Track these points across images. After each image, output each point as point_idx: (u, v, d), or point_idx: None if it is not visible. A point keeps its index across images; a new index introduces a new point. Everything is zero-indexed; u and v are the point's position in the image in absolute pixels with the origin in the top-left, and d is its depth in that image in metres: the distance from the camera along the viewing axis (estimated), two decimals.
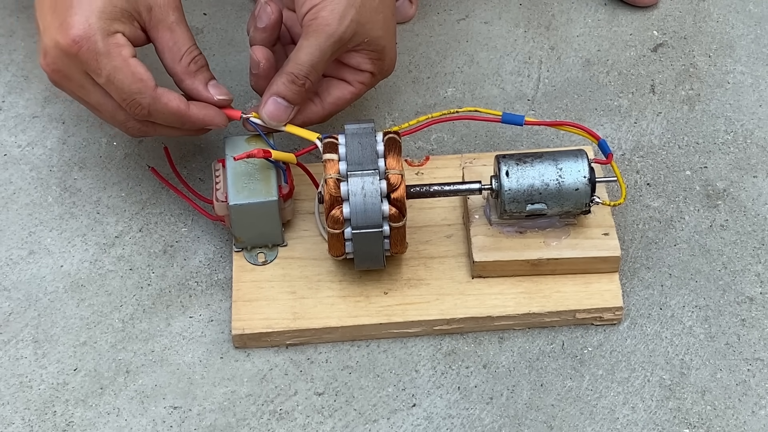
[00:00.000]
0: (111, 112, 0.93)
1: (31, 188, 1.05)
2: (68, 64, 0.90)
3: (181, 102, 0.92)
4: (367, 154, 0.91)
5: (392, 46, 0.96)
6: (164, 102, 0.92)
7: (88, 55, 0.89)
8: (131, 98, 0.91)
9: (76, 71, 0.91)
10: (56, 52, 0.90)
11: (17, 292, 0.99)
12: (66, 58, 0.90)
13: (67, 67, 0.91)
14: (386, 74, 0.98)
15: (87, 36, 0.89)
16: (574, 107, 1.10)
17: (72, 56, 0.89)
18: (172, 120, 0.93)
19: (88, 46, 0.89)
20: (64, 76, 0.92)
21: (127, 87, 0.90)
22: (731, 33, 1.15)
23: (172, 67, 0.93)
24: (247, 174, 0.95)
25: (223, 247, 1.01)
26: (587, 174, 0.93)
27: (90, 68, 0.90)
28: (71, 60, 0.90)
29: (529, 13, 1.17)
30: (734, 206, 1.03)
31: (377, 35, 0.93)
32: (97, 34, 0.89)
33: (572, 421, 0.91)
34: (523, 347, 0.95)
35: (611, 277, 0.96)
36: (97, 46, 0.89)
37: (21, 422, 0.92)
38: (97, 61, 0.89)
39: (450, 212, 1.00)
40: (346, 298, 0.96)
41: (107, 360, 0.95)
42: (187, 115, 0.93)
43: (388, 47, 0.95)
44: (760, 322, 0.96)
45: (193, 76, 0.94)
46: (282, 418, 0.92)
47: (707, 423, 0.91)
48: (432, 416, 0.92)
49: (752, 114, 1.09)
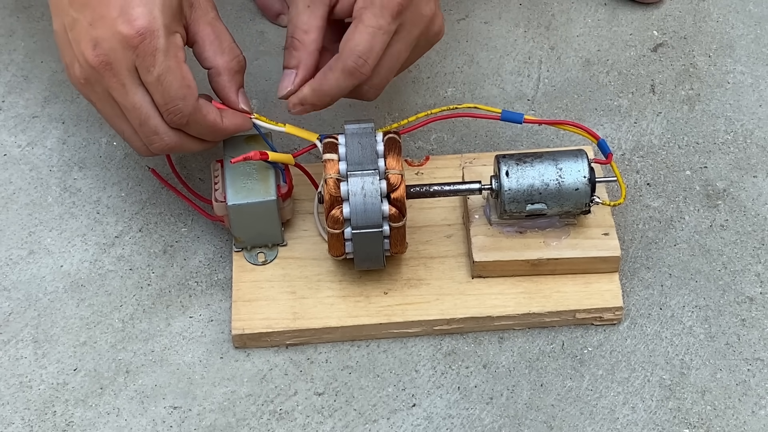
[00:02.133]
0: (144, 117, 0.89)
1: (31, 188, 1.05)
2: (122, 57, 0.86)
3: (217, 116, 0.91)
4: (367, 154, 0.91)
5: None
6: (203, 113, 0.89)
7: (149, 49, 0.86)
8: (174, 103, 0.88)
9: (125, 65, 0.86)
10: (113, 43, 0.85)
11: (17, 292, 0.99)
12: (123, 49, 0.86)
13: (120, 59, 0.86)
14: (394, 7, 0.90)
15: (152, 29, 0.86)
16: (574, 107, 1.10)
17: (131, 48, 0.85)
18: (204, 131, 0.91)
19: (151, 41, 0.86)
20: (110, 69, 0.87)
21: (175, 90, 0.87)
22: (731, 33, 1.15)
23: (214, 59, 0.91)
24: (245, 174, 0.95)
25: (223, 247, 1.01)
26: (587, 174, 0.93)
27: (144, 63, 0.86)
28: (127, 52, 0.86)
29: (529, 13, 1.17)
30: (734, 206, 1.03)
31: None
32: (161, 29, 0.86)
33: (572, 421, 0.91)
34: (523, 347, 0.95)
35: (611, 277, 0.96)
36: (159, 42, 0.86)
37: (21, 422, 0.92)
38: (154, 57, 0.86)
39: (450, 212, 1.00)
40: (346, 298, 0.96)
41: (107, 360, 0.95)
42: (221, 128, 0.91)
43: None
44: (760, 322, 0.96)
45: (232, 75, 0.92)
46: (282, 418, 0.92)
47: (707, 423, 0.91)
48: (432, 416, 0.92)
49: (752, 114, 1.09)
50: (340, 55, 0.90)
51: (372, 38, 0.90)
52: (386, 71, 0.92)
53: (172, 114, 0.88)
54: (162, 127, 0.90)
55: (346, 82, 0.91)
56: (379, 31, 0.90)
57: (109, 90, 0.88)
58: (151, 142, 0.91)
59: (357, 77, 0.91)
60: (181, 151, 0.92)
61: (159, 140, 0.90)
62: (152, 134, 0.90)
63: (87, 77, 0.88)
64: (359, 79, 0.91)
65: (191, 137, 0.92)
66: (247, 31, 1.17)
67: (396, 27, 0.90)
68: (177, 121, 0.89)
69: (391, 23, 0.90)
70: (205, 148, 0.94)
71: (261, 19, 1.18)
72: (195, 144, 0.93)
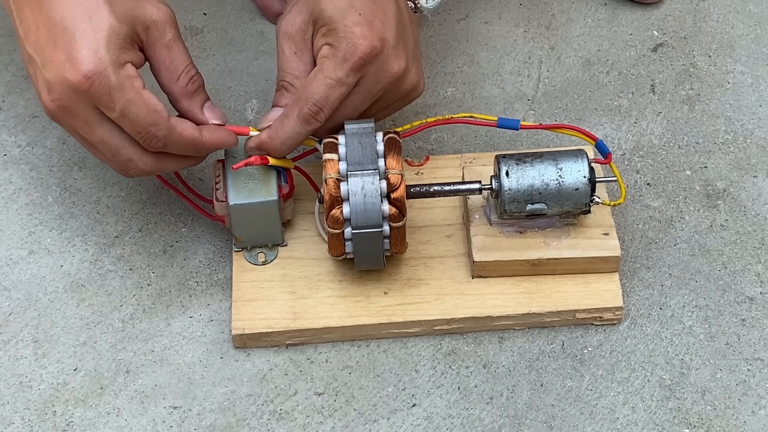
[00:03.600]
0: (114, 149, 0.89)
1: (31, 188, 1.05)
2: (76, 100, 0.86)
3: (195, 130, 0.90)
4: (367, 154, 0.91)
5: (355, 21, 0.90)
6: (179, 132, 0.89)
7: (101, 90, 0.85)
8: (146, 131, 0.87)
9: (83, 107, 0.87)
10: (63, 89, 0.86)
11: (17, 292, 0.99)
12: (75, 94, 0.86)
13: (75, 103, 0.86)
14: (358, 53, 0.89)
15: (98, 71, 0.85)
16: (574, 107, 1.10)
17: (82, 92, 0.85)
18: (186, 149, 0.90)
19: (101, 81, 0.85)
20: (68, 112, 0.87)
21: (143, 119, 0.87)
22: (731, 33, 1.15)
23: (170, 86, 0.91)
24: (247, 174, 0.95)
25: (223, 247, 1.01)
26: (587, 174, 0.93)
27: (102, 103, 0.86)
28: (80, 96, 0.86)
29: (529, 13, 1.17)
30: (734, 206, 1.03)
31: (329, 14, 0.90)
32: (109, 67, 0.85)
33: (572, 421, 0.91)
34: (523, 347, 0.95)
35: (611, 277, 0.96)
36: (109, 81, 0.85)
37: (21, 422, 0.92)
38: (110, 96, 0.86)
39: (450, 212, 1.00)
40: (346, 298, 0.96)
41: (107, 360, 0.95)
42: (202, 142, 0.90)
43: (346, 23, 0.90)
44: (760, 322, 0.96)
45: (191, 97, 0.91)
46: (282, 418, 0.92)
47: (707, 423, 0.91)
48: (432, 416, 0.92)
49: (752, 114, 1.09)
50: (297, 100, 0.91)
51: (329, 89, 0.90)
52: (341, 119, 0.93)
53: (148, 140, 0.88)
54: (135, 155, 0.89)
55: (302, 128, 0.91)
56: (337, 83, 0.90)
57: (73, 128, 0.89)
58: (128, 170, 0.91)
59: (312, 124, 0.91)
60: (163, 171, 0.92)
61: (134, 167, 0.90)
62: (127, 162, 0.90)
63: (53, 117, 0.89)
64: (314, 126, 0.91)
65: (174, 156, 0.91)
66: (247, 31, 1.17)
67: (356, 80, 0.90)
68: (154, 145, 0.89)
69: (350, 76, 0.90)
70: (190, 165, 0.93)
71: (261, 19, 1.18)
72: (177, 162, 0.92)
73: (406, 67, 0.92)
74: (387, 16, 0.91)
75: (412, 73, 0.93)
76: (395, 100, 0.95)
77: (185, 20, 1.17)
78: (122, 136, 0.89)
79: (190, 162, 0.93)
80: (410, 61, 0.92)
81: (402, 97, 0.95)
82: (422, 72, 0.95)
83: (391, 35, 0.90)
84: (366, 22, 0.89)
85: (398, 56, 0.91)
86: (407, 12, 0.94)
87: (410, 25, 0.94)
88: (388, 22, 0.90)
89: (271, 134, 0.92)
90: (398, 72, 0.91)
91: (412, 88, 0.94)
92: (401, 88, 0.93)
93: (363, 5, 0.90)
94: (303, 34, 0.92)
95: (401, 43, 0.91)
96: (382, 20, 0.90)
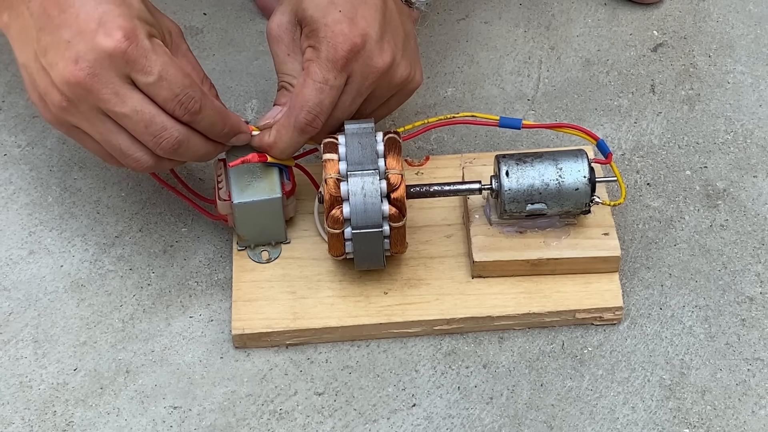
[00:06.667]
0: (149, 118, 0.87)
1: (31, 188, 1.05)
2: (110, 66, 0.84)
3: (219, 100, 0.91)
4: (367, 154, 0.91)
5: (336, 19, 0.89)
6: (211, 98, 0.89)
7: (138, 52, 0.84)
8: (185, 92, 0.86)
9: (115, 74, 0.85)
10: (96, 56, 0.84)
11: (17, 292, 0.99)
12: (109, 59, 0.84)
13: (107, 71, 0.85)
14: (339, 52, 0.89)
15: (135, 34, 0.84)
16: (574, 107, 1.10)
17: (118, 56, 0.84)
18: (215, 118, 0.89)
19: (137, 44, 0.84)
20: (98, 80, 0.85)
21: (180, 80, 0.86)
22: (731, 33, 1.15)
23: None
24: (249, 172, 0.95)
25: (223, 247, 1.01)
26: (587, 174, 0.93)
27: (137, 67, 0.85)
28: (115, 61, 0.84)
29: (529, 13, 1.17)
30: (734, 206, 1.03)
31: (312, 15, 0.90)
32: (143, 33, 0.85)
33: (572, 421, 0.91)
34: (523, 347, 0.95)
35: (611, 277, 0.96)
36: (145, 44, 0.85)
37: (21, 422, 0.92)
38: (146, 58, 0.85)
39: (450, 212, 1.00)
40: (346, 298, 0.96)
41: (107, 360, 0.95)
42: (228, 116, 0.90)
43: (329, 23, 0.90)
44: (760, 322, 0.96)
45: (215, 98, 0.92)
46: (282, 418, 0.92)
47: (707, 423, 0.91)
48: (432, 416, 0.92)
49: (752, 114, 1.09)
50: (291, 110, 0.91)
51: (320, 93, 0.90)
52: (337, 121, 0.93)
53: (186, 102, 0.87)
54: (169, 122, 0.88)
55: (300, 137, 0.92)
56: (326, 85, 0.89)
57: (101, 103, 0.86)
58: (160, 141, 0.88)
59: (309, 132, 0.91)
60: (187, 150, 0.90)
61: (169, 135, 0.88)
62: (161, 131, 0.88)
63: (69, 99, 0.86)
64: (311, 133, 0.91)
65: (199, 137, 0.90)
66: (247, 31, 1.17)
67: (344, 80, 0.90)
68: (192, 107, 0.87)
69: (337, 77, 0.89)
70: (209, 151, 0.92)
71: (261, 19, 1.18)
72: (200, 142, 0.90)
73: (392, 61, 0.91)
74: (370, 9, 0.90)
75: (402, 66, 0.92)
76: (390, 95, 0.94)
77: (185, 20, 1.17)
78: (153, 104, 0.87)
79: (210, 148, 0.91)
80: (398, 54, 0.92)
81: (397, 91, 0.94)
82: (418, 64, 0.95)
83: (374, 30, 0.90)
84: (346, 20, 0.89)
85: (382, 50, 0.90)
86: (396, 4, 0.93)
87: (400, 17, 0.93)
88: (371, 17, 0.90)
89: (270, 144, 0.93)
90: (383, 66, 0.91)
91: (404, 81, 0.93)
92: (392, 82, 0.93)
93: (344, 1, 0.90)
94: (291, 35, 0.92)
95: (386, 36, 0.91)
96: (363, 15, 0.89)
